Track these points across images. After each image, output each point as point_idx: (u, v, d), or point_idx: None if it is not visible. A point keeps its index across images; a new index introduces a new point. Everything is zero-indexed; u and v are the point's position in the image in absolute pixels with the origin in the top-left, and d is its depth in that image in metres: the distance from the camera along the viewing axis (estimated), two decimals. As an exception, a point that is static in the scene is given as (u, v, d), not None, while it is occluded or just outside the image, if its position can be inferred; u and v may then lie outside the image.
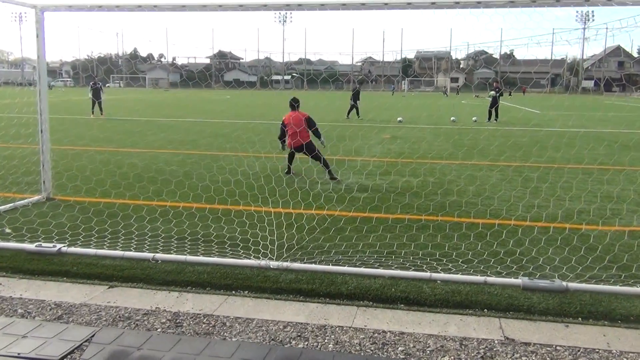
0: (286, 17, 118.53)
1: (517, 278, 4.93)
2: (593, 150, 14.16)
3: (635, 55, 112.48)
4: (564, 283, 4.77)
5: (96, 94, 25.53)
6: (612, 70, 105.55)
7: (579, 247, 5.84)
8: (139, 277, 5.03)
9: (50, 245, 5.61)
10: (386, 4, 6.58)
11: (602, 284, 4.83)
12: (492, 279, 4.88)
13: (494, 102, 25.17)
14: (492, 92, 25.41)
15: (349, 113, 26.27)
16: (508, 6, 6.48)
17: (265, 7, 7.04)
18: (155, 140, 16.06)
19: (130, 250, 5.59)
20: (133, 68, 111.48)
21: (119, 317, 4.28)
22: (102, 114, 25.55)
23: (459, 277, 4.97)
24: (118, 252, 5.50)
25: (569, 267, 5.23)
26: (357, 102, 25.96)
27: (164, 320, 4.22)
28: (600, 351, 3.82)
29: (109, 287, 4.87)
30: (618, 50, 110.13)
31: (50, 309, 4.40)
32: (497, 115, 25.21)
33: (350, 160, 11.89)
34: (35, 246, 5.59)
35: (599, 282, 4.90)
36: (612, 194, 8.57)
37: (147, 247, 5.71)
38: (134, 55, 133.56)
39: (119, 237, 6.00)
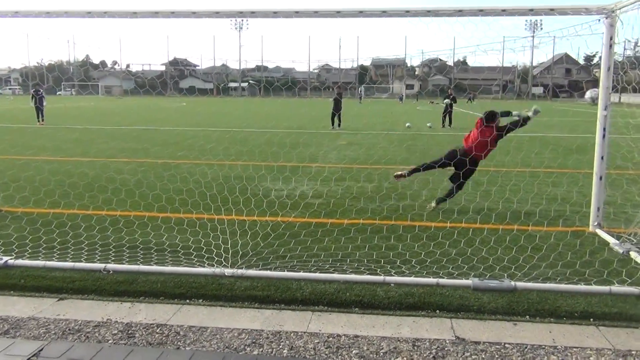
0: (242, 24, 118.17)
1: (468, 279, 5.05)
2: (539, 154, 14.59)
3: (582, 62, 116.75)
4: (513, 283, 4.91)
5: (37, 102, 25.33)
6: (560, 77, 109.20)
7: (526, 246, 6.02)
8: (90, 288, 4.93)
9: (-4, 258, 5.44)
10: (339, 12, 6.67)
11: (549, 283, 5.00)
12: (444, 281, 4.99)
13: (447, 109, 25.67)
14: (447, 100, 25.90)
15: (333, 122, 24.87)
16: (456, 15, 6.67)
17: (217, 14, 7.03)
18: (106, 148, 15.74)
19: (81, 261, 5.47)
20: (84, 75, 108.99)
21: (69, 330, 4.18)
22: (43, 122, 25.23)
23: (412, 279, 5.05)
24: (68, 264, 5.37)
25: (517, 267, 5.40)
26: (340, 111, 24.70)
27: (116, 332, 4.14)
28: (546, 347, 3.95)
29: (58, 300, 4.75)
30: (565, 58, 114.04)
31: (-4, 324, 4.26)
32: (450, 122, 25.71)
33: (305, 167, 11.93)
34: (-20, 259, 5.40)
35: (545, 280, 5.07)
36: (557, 196, 8.86)
37: (98, 258, 5.60)
38: (86, 63, 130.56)
39: (69, 248, 5.85)
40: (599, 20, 6.57)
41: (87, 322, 4.32)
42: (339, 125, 24.39)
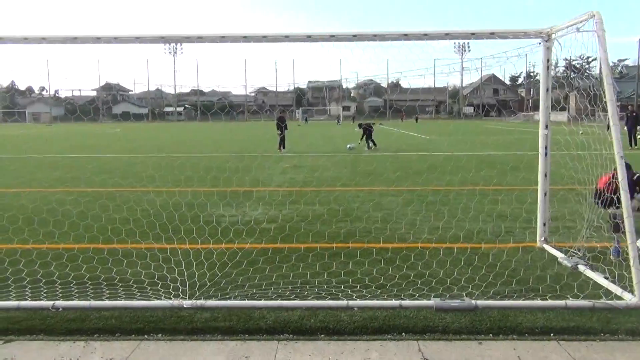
0: (176, 48, 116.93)
1: (429, 300, 5.08)
2: (481, 172, 15.04)
3: (508, 82, 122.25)
4: (473, 301, 4.97)
5: None
6: (489, 97, 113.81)
7: (480, 265, 6.13)
8: (39, 328, 4.63)
9: None
10: (287, 36, 6.70)
11: (507, 300, 5.09)
12: (406, 302, 4.99)
13: (368, 134, 25.93)
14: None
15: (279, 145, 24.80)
16: (402, 39, 6.82)
17: (163, 39, 6.90)
18: (44, 178, 15.06)
19: (26, 299, 5.15)
20: (11, 102, 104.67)
21: (19, 374, 3.90)
22: None
23: (375, 302, 5.04)
24: (12, 303, 5.04)
25: (474, 285, 5.48)
26: (284, 132, 24.75)
27: (72, 374, 3.90)
28: (513, 365, 4.00)
29: (4, 342, 4.43)
30: (493, 79, 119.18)
31: (-64, 373, 3.93)
32: (374, 143, 25.94)
33: (254, 191, 11.81)
34: None
35: (503, 297, 5.16)
36: (506, 213, 9.12)
37: (44, 295, 5.28)
38: (11, 89, 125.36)
39: (10, 286, 5.50)
40: (539, 43, 6.85)
41: (39, 365, 4.05)
42: (284, 147, 24.45)
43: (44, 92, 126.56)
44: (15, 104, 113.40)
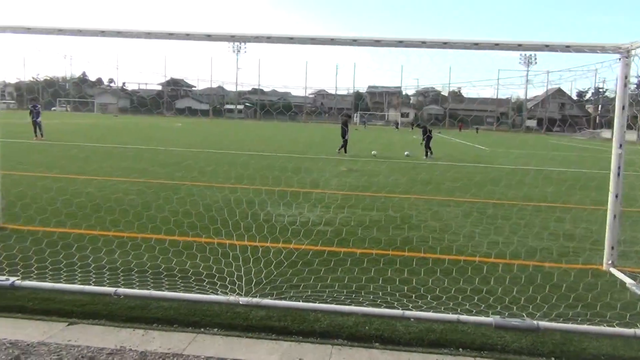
0: (240, 47, 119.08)
1: (488, 316, 4.94)
2: (547, 188, 14.57)
3: (575, 97, 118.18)
4: (535, 322, 4.80)
5: (35, 116, 25.87)
6: (554, 111, 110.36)
7: (542, 285, 5.91)
8: (101, 313, 4.78)
9: (3, 278, 5.28)
10: (355, 40, 6.68)
11: (571, 323, 4.89)
12: (465, 317, 4.87)
13: (427, 141, 25.52)
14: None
15: (340, 148, 25.02)
16: (473, 48, 6.68)
17: (233, 37, 7.01)
18: (110, 167, 15.58)
19: (90, 284, 5.32)
20: (82, 92, 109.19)
21: (82, 356, 4.03)
22: (42, 136, 25.68)
23: (432, 314, 4.94)
24: (77, 286, 5.22)
25: (534, 306, 5.28)
26: (347, 135, 24.96)
27: (131, 361, 4.00)
28: (577, 392, 3.83)
29: (68, 324, 4.59)
30: (559, 93, 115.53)
31: (6, 349, 4.10)
32: (431, 151, 25.50)
33: (316, 193, 11.84)
34: (-14, 279, 5.25)
35: (567, 320, 4.96)
36: (574, 233, 8.78)
37: (107, 281, 5.45)
38: (83, 79, 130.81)
39: (76, 270, 5.70)
40: (618, 59, 6.56)
41: (100, 349, 4.17)
42: (344, 151, 24.62)
43: (112, 84, 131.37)
44: (85, 94, 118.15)
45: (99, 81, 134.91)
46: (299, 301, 5.15)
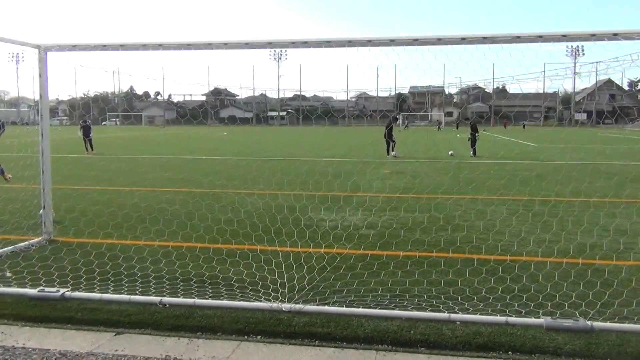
0: (281, 54, 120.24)
1: (538, 318, 4.77)
2: (596, 183, 14.08)
3: (626, 88, 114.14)
4: (589, 322, 4.61)
5: (86, 132, 26.70)
6: (604, 103, 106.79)
7: (594, 282, 5.68)
8: (147, 322, 4.84)
9: (54, 290, 5.43)
10: (392, 40, 6.60)
11: (628, 323, 4.67)
12: (513, 319, 4.72)
13: (473, 138, 25.10)
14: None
15: (388, 150, 24.87)
16: (515, 42, 6.49)
17: (270, 44, 7.04)
18: (155, 178, 15.93)
19: (136, 294, 5.41)
20: (129, 106, 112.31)
21: (128, 366, 4.08)
22: (92, 151, 26.53)
23: (478, 317, 4.80)
24: (124, 297, 5.32)
25: (587, 304, 5.07)
26: (392, 137, 24.77)
27: (176, 369, 4.02)
28: (635, 396, 3.64)
29: (115, 334, 4.67)
30: (609, 83, 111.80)
31: (55, 359, 4.20)
32: (474, 151, 25.06)
33: (357, 197, 11.78)
34: (38, 291, 5.40)
35: (623, 320, 4.74)
36: (626, 228, 8.43)
37: (153, 291, 5.52)
38: (130, 93, 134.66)
39: (122, 280, 5.81)
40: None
41: (147, 358, 4.22)
42: (387, 153, 24.53)
43: (158, 97, 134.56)
44: (133, 108, 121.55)
45: (146, 94, 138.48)
46: (342, 306, 5.10)
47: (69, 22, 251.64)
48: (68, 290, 5.44)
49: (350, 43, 6.72)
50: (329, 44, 6.77)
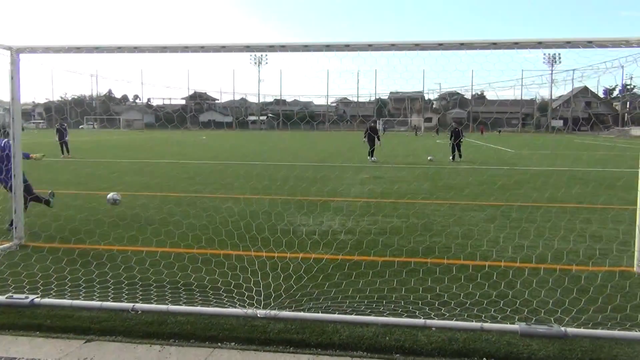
0: (262, 59, 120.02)
1: (514, 323, 4.77)
2: (572, 189, 14.24)
3: (601, 95, 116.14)
4: (563, 328, 4.62)
5: (61, 136, 26.43)
6: (580, 110, 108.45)
7: (570, 288, 5.71)
8: (118, 329, 4.74)
9: (22, 296, 5.29)
10: (370, 45, 6.61)
11: (601, 329, 4.69)
12: (488, 325, 4.71)
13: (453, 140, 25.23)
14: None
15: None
16: (491, 48, 6.54)
17: (247, 48, 6.99)
18: (130, 183, 15.71)
19: (108, 300, 5.29)
20: (109, 109, 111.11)
21: (97, 375, 3.97)
22: (68, 154, 26.28)
23: (454, 323, 4.79)
24: (95, 303, 5.20)
25: (563, 310, 5.09)
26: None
27: (146, 378, 3.93)
28: (608, 402, 3.65)
29: (85, 342, 4.55)
30: (585, 91, 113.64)
31: (22, 368, 4.08)
32: (460, 154, 25.21)
33: (331, 201, 11.74)
34: (6, 297, 5.26)
35: (596, 326, 4.76)
36: (601, 234, 8.52)
37: (125, 297, 5.41)
38: (109, 97, 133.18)
39: (94, 287, 5.70)
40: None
41: (116, 367, 4.11)
42: (372, 156, 24.70)
43: (137, 100, 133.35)
44: (113, 111, 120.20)
45: (125, 98, 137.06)
46: (318, 312, 5.05)
47: (48, 26, 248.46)
48: (37, 297, 5.30)
49: (328, 47, 6.72)
50: (306, 48, 6.76)
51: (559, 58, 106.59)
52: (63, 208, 10.34)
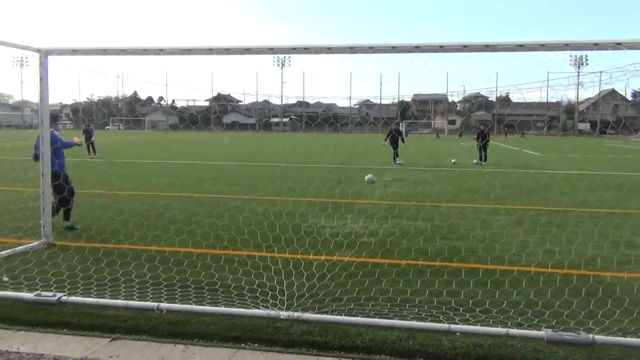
0: (285, 60, 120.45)
1: (540, 330, 4.68)
2: (604, 194, 13.98)
3: (630, 98, 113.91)
4: (590, 336, 4.52)
5: (87, 136, 26.82)
6: (608, 113, 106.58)
7: (601, 295, 5.54)
8: (144, 328, 4.78)
9: (50, 294, 5.36)
10: (394, 47, 6.56)
11: (630, 337, 4.58)
12: (514, 331, 4.63)
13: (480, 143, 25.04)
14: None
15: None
16: (517, 50, 6.44)
17: (271, 50, 7.01)
18: (155, 183, 15.87)
19: (133, 299, 5.34)
20: (134, 111, 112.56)
21: (122, 373, 4.01)
22: (95, 154, 26.71)
23: (479, 328, 4.72)
24: (121, 302, 5.25)
25: (595, 322, 4.90)
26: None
27: (170, 378, 3.95)
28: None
29: (111, 340, 4.60)
30: (613, 94, 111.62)
31: (49, 365, 4.13)
32: (485, 157, 25.00)
33: (354, 203, 11.71)
34: (34, 295, 5.34)
35: (626, 334, 4.64)
36: (635, 241, 8.31)
37: (150, 296, 5.46)
38: (134, 98, 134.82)
39: (120, 286, 5.75)
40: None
41: (141, 366, 4.15)
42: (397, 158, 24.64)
43: (162, 102, 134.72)
44: (138, 113, 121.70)
45: (150, 99, 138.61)
46: (341, 315, 5.02)
47: (75, 28, 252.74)
48: (65, 295, 5.37)
49: (352, 50, 6.69)
50: (330, 50, 6.74)
51: (586, 60, 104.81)
52: (89, 208, 10.48)
